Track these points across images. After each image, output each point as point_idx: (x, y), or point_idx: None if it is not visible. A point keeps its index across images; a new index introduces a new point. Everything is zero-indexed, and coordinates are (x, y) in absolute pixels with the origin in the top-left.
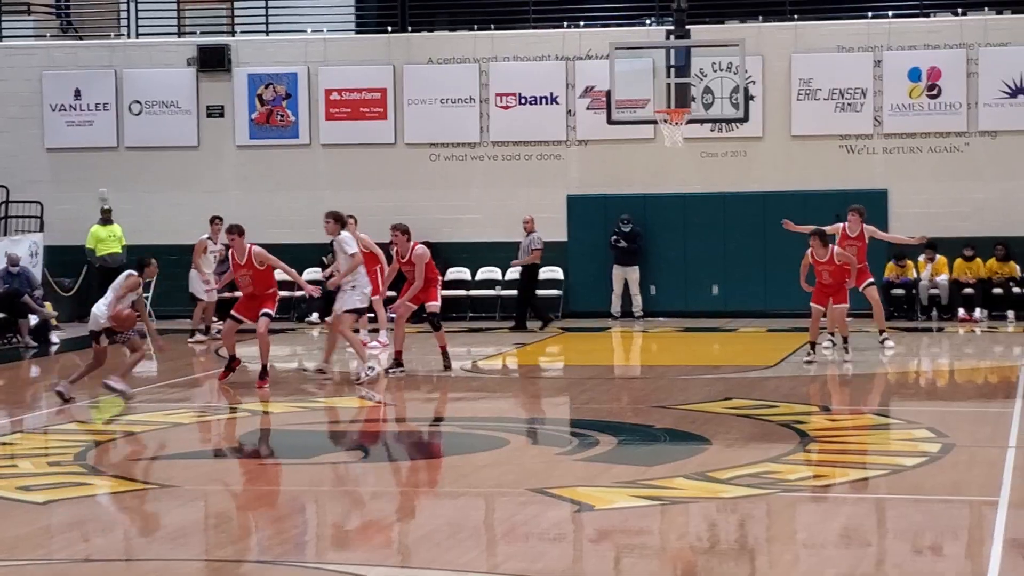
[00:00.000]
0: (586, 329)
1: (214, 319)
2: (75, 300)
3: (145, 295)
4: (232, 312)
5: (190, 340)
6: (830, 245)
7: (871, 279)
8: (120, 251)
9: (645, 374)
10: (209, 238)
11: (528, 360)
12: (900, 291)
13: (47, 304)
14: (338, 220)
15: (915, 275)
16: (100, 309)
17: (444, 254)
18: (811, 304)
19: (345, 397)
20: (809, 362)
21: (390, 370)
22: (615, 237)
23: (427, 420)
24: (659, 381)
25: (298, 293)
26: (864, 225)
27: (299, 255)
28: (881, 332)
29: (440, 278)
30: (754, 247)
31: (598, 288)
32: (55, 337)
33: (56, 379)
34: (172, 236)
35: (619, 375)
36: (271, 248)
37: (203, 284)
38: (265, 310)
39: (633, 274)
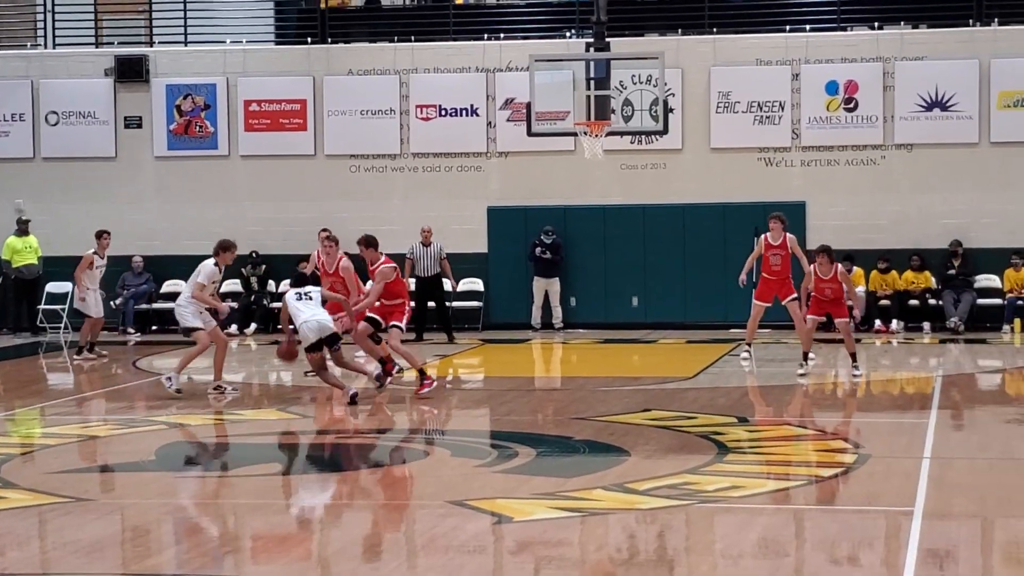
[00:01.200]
0: (506, 341)
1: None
2: None
3: (62, 307)
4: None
5: (77, 357)
6: (836, 263)
7: (795, 294)
8: (36, 262)
9: (565, 385)
10: (95, 253)
11: (448, 372)
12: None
13: None
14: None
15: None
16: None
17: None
18: (808, 316)
19: (264, 409)
20: (802, 375)
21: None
22: (538, 248)
23: (346, 432)
24: (578, 392)
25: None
26: (787, 235)
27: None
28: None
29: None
30: (674, 259)
31: (518, 300)
32: None
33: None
34: (89, 247)
35: (539, 387)
36: (190, 260)
37: (80, 301)
38: (394, 322)
39: (554, 286)
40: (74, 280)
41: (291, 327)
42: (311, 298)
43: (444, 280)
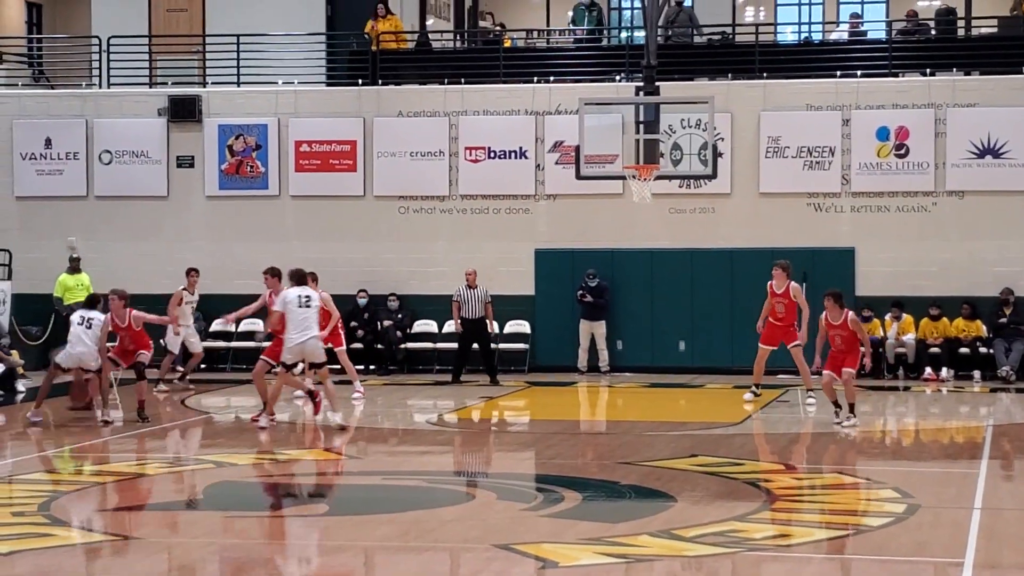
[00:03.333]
0: (552, 383)
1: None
2: (42, 349)
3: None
4: None
5: (156, 390)
6: (845, 308)
7: (799, 341)
8: None
9: (611, 430)
10: (185, 289)
11: (494, 414)
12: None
13: (14, 352)
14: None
15: (882, 333)
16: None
17: (411, 306)
18: (825, 372)
19: (312, 449)
20: (839, 423)
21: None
22: (581, 291)
23: (391, 473)
24: (625, 437)
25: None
26: (791, 283)
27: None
28: (808, 391)
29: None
30: (721, 303)
31: (565, 342)
32: (21, 386)
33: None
34: (139, 285)
35: (585, 430)
36: (239, 299)
37: (173, 336)
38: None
39: (600, 329)
40: (169, 318)
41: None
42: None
43: (487, 322)
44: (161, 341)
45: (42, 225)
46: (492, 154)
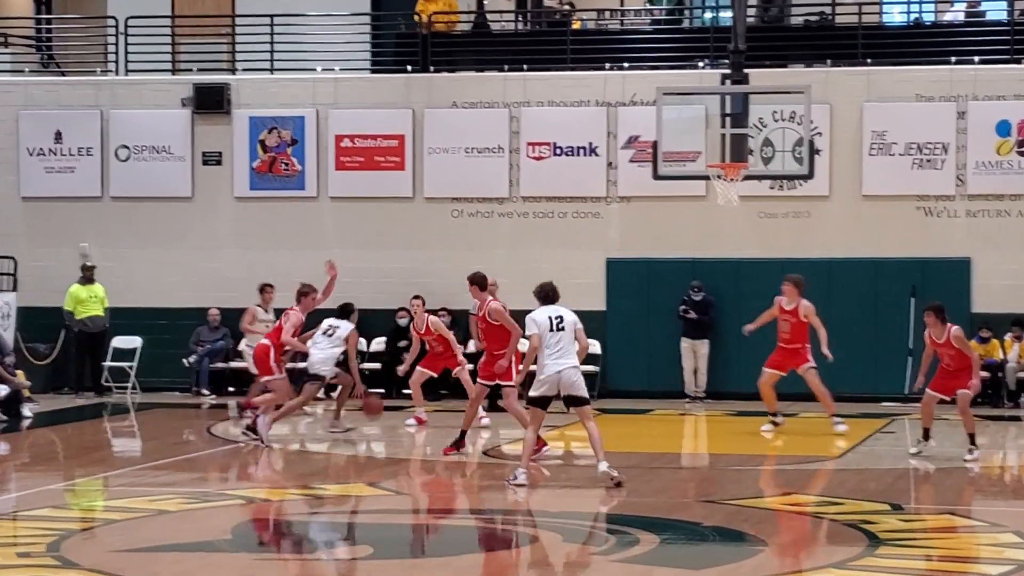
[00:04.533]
0: (626, 411)
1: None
2: (51, 368)
3: (130, 364)
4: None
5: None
6: (948, 323)
7: (811, 363)
8: (103, 314)
9: (693, 463)
10: (259, 306)
11: (560, 445)
12: (985, 373)
13: (19, 373)
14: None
15: (1001, 355)
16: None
17: (466, 323)
18: (927, 390)
19: (352, 484)
20: (915, 453)
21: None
22: (684, 307)
23: (445, 512)
24: (708, 472)
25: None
26: (802, 301)
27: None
28: (832, 416)
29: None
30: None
31: (639, 364)
32: (28, 410)
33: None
34: (160, 298)
35: (663, 464)
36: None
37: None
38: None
39: (703, 348)
40: (241, 333)
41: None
42: None
43: None
44: (185, 362)
45: (51, 230)
46: (558, 150)
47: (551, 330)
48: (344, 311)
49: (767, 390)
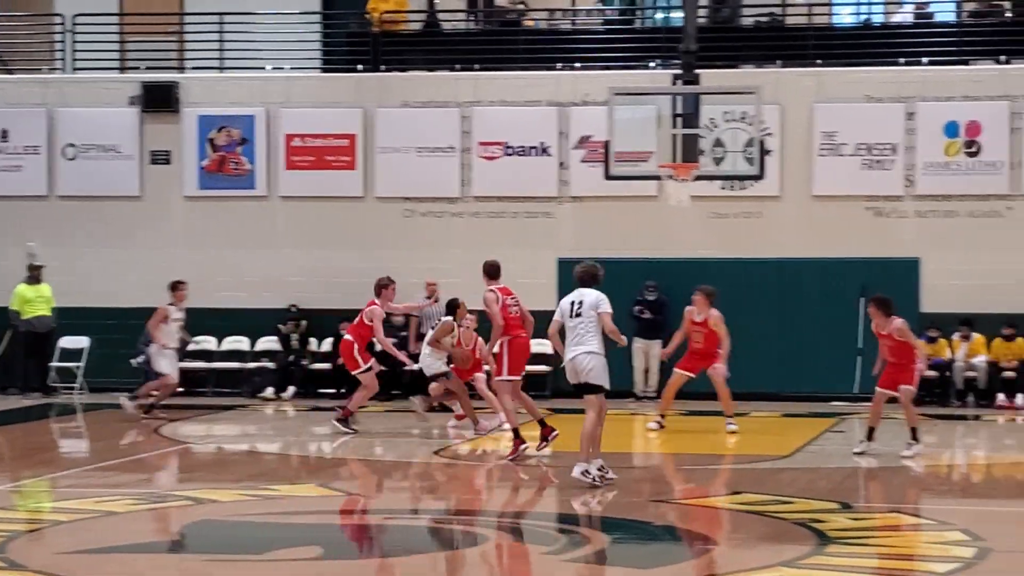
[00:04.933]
0: (578, 411)
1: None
2: None
3: (78, 365)
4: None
5: (146, 416)
6: (893, 316)
7: (719, 364)
8: (49, 314)
9: (643, 463)
10: (172, 304)
11: (511, 445)
12: (932, 373)
13: None
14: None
15: (949, 355)
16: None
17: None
18: (877, 388)
19: (303, 484)
20: (859, 452)
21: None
22: (639, 307)
23: (396, 512)
24: (659, 472)
25: (251, 365)
26: (711, 310)
27: (254, 322)
28: (729, 417)
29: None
30: (769, 320)
31: None
32: None
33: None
34: (109, 298)
35: (614, 464)
36: (222, 313)
37: (162, 357)
38: None
39: (655, 348)
40: (148, 334)
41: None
42: None
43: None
44: (132, 362)
45: None
46: (510, 150)
47: (570, 316)
48: (450, 307)
49: (671, 392)
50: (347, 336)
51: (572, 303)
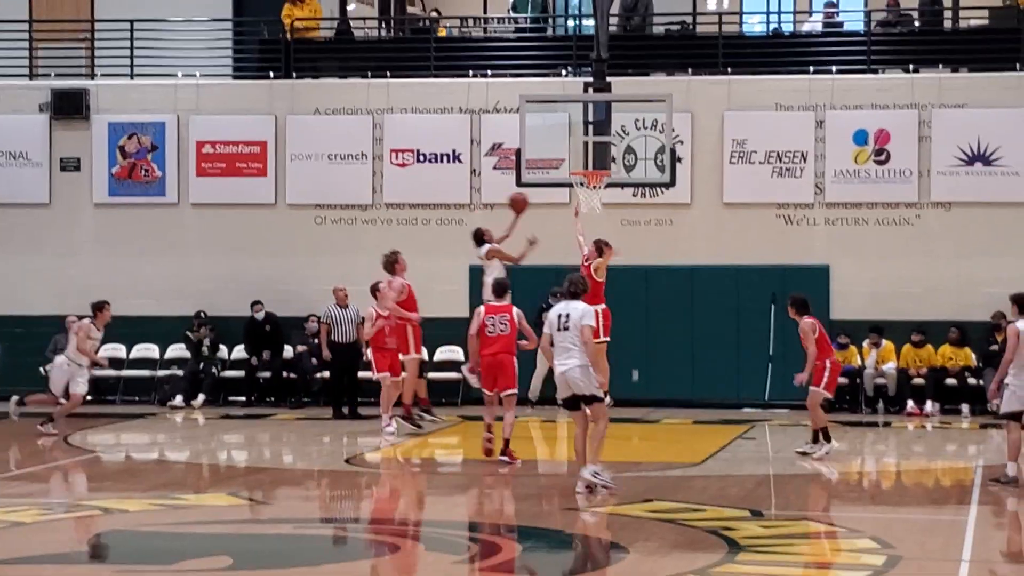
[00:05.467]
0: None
1: None
2: None
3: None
4: None
5: (42, 428)
6: (804, 316)
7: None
8: None
9: (554, 470)
10: (93, 323)
11: (422, 453)
12: (842, 380)
13: None
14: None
15: (859, 362)
16: None
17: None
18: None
19: (212, 494)
20: (803, 453)
21: None
22: (545, 312)
23: (306, 521)
24: (570, 479)
25: (160, 373)
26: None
27: (164, 329)
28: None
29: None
30: (680, 327)
31: None
32: None
33: None
34: (18, 306)
35: (525, 471)
36: (133, 321)
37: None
38: None
39: None
40: (77, 351)
41: None
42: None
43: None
44: (42, 370)
45: None
46: (421, 157)
47: (558, 329)
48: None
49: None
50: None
51: (559, 316)
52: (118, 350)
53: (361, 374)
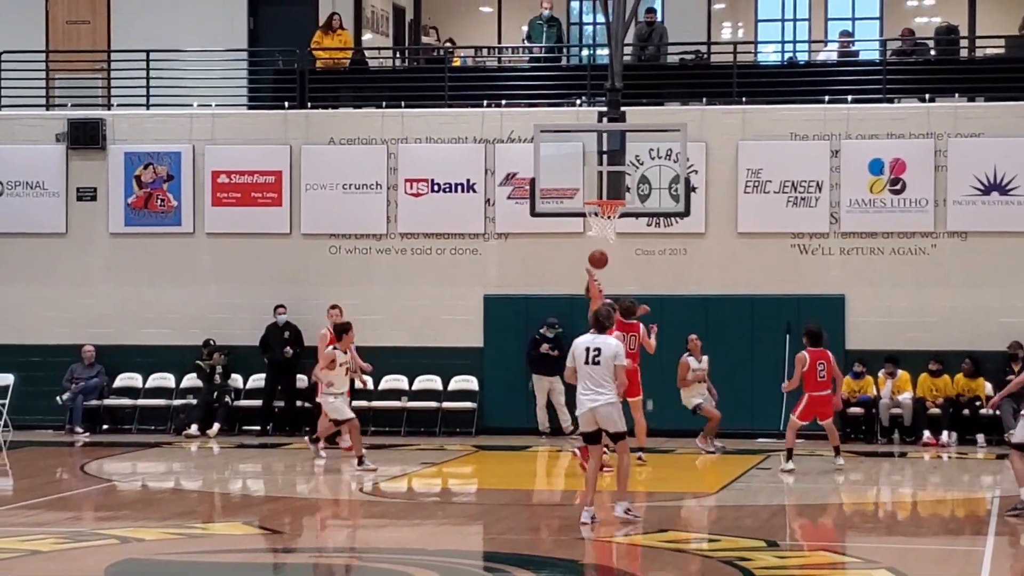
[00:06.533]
0: (503, 447)
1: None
2: None
3: (2, 402)
4: None
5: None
6: (808, 347)
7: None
8: None
9: (568, 500)
10: (336, 348)
11: (437, 482)
12: (858, 410)
13: None
14: None
15: (875, 392)
16: None
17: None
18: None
19: (229, 523)
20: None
21: None
22: (545, 344)
23: (321, 551)
24: (579, 510)
25: (176, 402)
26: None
27: (178, 358)
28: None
29: None
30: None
31: (517, 401)
32: None
33: None
34: (33, 335)
35: (539, 501)
36: (147, 350)
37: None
38: None
39: (557, 385)
40: (313, 378)
41: None
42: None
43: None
44: (58, 399)
45: None
46: (436, 187)
47: (586, 363)
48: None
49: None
50: None
51: (588, 349)
52: (134, 379)
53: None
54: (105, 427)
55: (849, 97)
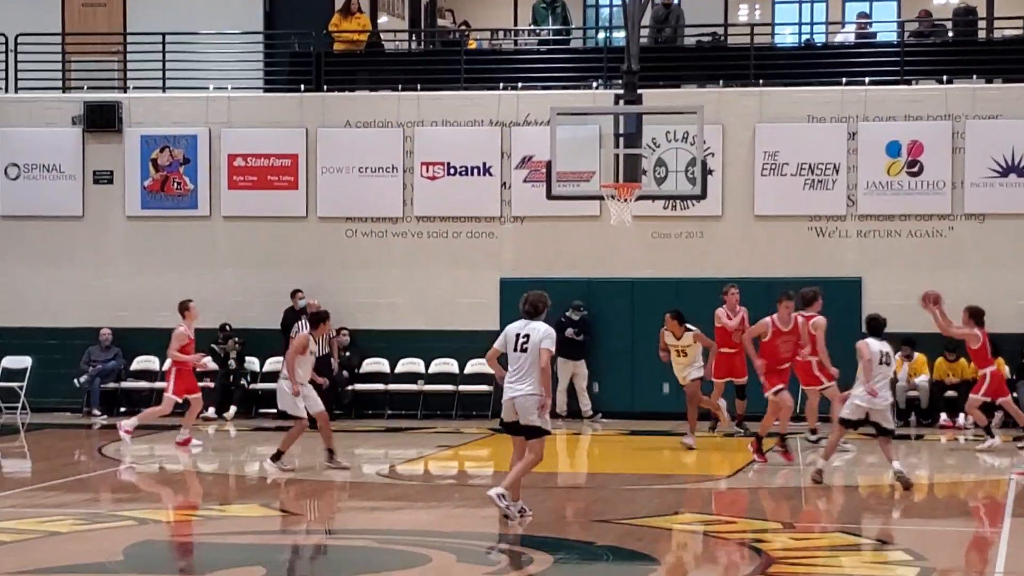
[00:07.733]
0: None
1: None
2: None
3: (20, 384)
4: None
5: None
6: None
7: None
8: None
9: (586, 483)
10: (311, 334)
11: (454, 465)
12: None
13: None
14: None
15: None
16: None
17: (360, 342)
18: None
19: (246, 504)
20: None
21: None
22: (569, 328)
23: (338, 532)
24: (602, 491)
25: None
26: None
27: (196, 341)
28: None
29: None
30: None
31: None
32: None
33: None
34: (51, 317)
35: (557, 484)
36: (164, 333)
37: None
38: None
39: (581, 369)
40: (286, 370)
41: None
42: None
43: (331, 361)
44: (76, 382)
45: None
46: (452, 170)
47: (514, 349)
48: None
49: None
50: None
51: (518, 335)
52: (151, 362)
53: None
54: (122, 410)
55: (866, 79)
